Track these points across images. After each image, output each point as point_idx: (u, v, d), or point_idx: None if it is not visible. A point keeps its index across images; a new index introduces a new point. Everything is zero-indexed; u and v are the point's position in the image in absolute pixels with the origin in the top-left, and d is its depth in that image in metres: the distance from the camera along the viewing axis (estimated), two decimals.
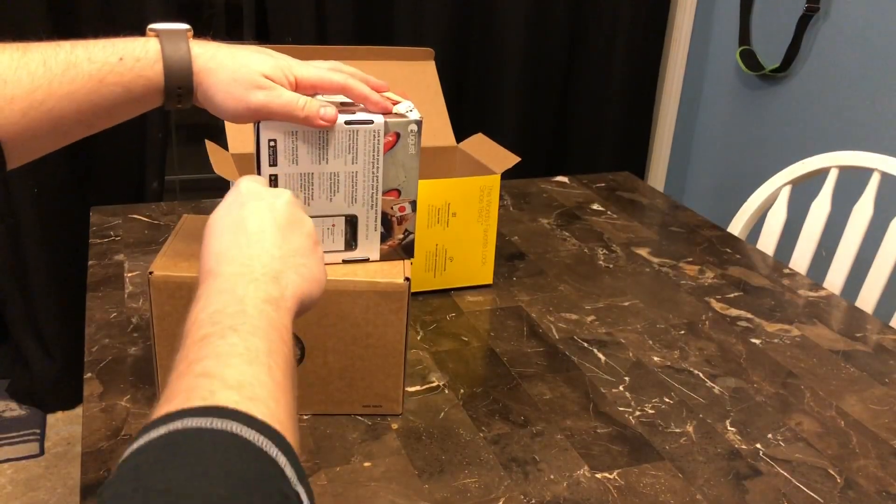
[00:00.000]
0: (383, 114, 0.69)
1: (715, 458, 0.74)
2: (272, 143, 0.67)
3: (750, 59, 2.00)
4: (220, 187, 0.76)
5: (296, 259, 0.54)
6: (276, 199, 0.56)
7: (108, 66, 0.59)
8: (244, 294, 0.48)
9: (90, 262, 1.02)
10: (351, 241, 0.73)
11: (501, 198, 1.33)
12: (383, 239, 0.74)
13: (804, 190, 1.41)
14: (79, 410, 1.88)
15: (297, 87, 0.65)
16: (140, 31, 0.63)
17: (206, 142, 0.92)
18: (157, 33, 0.61)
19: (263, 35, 2.19)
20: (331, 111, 0.66)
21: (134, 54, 0.59)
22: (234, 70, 0.62)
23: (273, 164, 0.68)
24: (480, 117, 2.06)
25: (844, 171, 1.29)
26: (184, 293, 0.69)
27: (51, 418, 1.84)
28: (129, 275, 1.00)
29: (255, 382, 0.41)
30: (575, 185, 1.42)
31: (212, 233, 0.54)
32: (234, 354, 0.43)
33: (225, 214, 0.55)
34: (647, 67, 2.21)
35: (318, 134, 0.68)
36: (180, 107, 0.63)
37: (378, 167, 0.71)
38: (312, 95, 0.66)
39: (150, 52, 0.60)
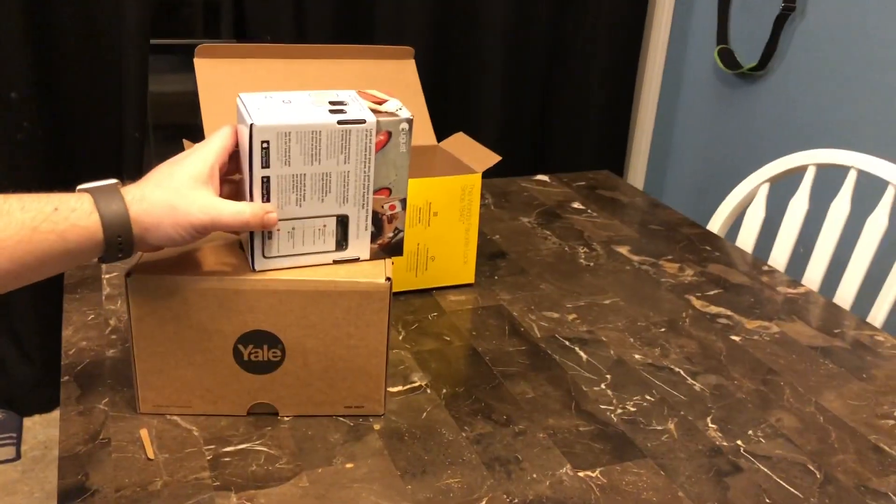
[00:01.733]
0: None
1: (696, 455, 0.74)
2: (265, 145, 0.66)
3: (728, 57, 2.02)
4: None
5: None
6: None
7: (42, 215, 0.58)
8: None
9: None
10: (342, 241, 0.73)
11: (482, 197, 1.33)
12: (373, 237, 0.74)
13: (782, 188, 1.42)
14: (56, 414, 1.86)
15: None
16: (117, 33, 0.63)
17: (184, 141, 0.91)
18: (88, 190, 0.61)
19: (241, 33, 2.17)
20: (273, 217, 0.67)
21: (69, 205, 0.60)
22: (174, 222, 0.63)
23: (265, 165, 0.67)
24: (461, 115, 2.06)
25: (822, 168, 1.30)
26: (162, 294, 0.69)
27: (28, 422, 1.82)
28: (107, 276, 0.98)
29: None
30: (555, 183, 1.42)
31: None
32: None
33: None
34: (626, 66, 2.22)
35: (311, 134, 0.67)
36: (121, 257, 0.63)
37: (370, 166, 0.71)
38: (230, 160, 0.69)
39: (85, 203, 0.60)
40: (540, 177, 1.44)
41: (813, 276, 1.26)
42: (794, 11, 1.83)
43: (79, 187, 0.62)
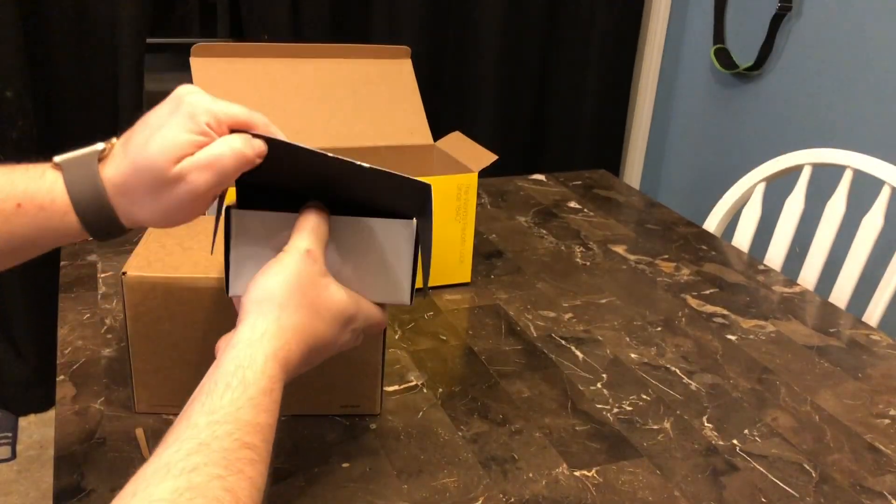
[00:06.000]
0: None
1: (692, 454, 0.74)
2: None
3: (724, 57, 2.02)
4: None
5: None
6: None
7: (2, 216, 0.52)
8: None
9: (62, 263, 1.00)
10: None
11: (479, 196, 1.33)
12: None
13: (778, 187, 1.42)
14: (51, 413, 1.85)
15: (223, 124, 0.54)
16: (113, 31, 0.61)
17: None
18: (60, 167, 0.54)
19: (237, 32, 2.17)
20: (258, 142, 0.54)
21: (36, 202, 0.52)
22: (146, 181, 0.52)
23: None
24: (457, 115, 2.06)
25: (818, 168, 1.31)
26: (157, 293, 0.68)
27: (23, 421, 1.82)
28: (103, 275, 0.98)
29: None
30: (552, 183, 1.42)
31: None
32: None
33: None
34: (622, 65, 2.22)
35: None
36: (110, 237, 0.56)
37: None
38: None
39: (57, 198, 0.53)
40: (536, 176, 1.44)
41: (809, 276, 1.27)
42: (790, 11, 1.83)
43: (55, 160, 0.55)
